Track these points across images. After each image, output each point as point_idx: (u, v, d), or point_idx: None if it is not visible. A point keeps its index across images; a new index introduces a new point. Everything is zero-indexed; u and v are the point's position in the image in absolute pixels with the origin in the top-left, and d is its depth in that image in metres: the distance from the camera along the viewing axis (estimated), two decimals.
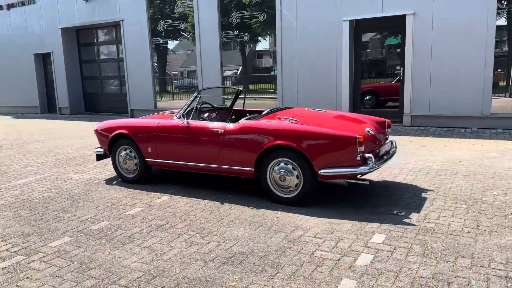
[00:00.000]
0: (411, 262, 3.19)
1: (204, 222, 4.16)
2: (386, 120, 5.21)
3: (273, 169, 4.57)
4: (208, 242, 3.67)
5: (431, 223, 3.92)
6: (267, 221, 4.13)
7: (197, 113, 5.35)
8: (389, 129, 5.20)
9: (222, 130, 4.82)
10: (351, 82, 10.08)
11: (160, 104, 13.16)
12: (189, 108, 5.30)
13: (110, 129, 5.69)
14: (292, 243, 3.59)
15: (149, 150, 5.35)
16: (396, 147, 5.09)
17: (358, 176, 4.35)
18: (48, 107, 16.15)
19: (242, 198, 4.84)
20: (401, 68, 9.52)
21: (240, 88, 6.28)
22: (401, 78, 9.56)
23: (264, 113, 5.11)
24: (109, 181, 5.80)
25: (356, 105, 10.36)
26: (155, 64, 13.22)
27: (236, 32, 11.47)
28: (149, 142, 5.33)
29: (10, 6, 15.73)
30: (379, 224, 3.94)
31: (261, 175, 4.65)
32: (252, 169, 4.67)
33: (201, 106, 5.72)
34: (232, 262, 3.28)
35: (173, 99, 13.38)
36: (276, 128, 4.53)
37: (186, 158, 5.12)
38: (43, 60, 15.77)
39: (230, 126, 4.80)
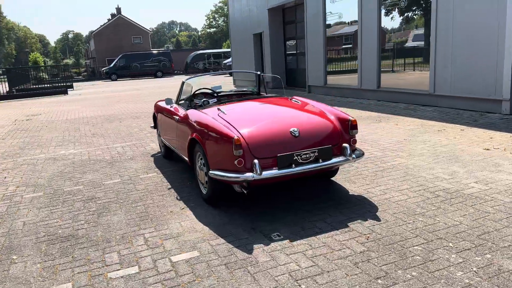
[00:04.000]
0: None
1: (122, 202, 4.50)
2: (350, 119, 3.98)
3: (199, 162, 4.38)
4: (81, 220, 4.06)
5: (267, 258, 3.04)
6: (157, 213, 4.11)
7: (189, 99, 5.46)
8: (354, 130, 3.98)
9: (177, 118, 4.88)
10: None
11: (330, 81, 12.94)
12: (180, 95, 5.49)
13: (154, 108, 6.53)
14: (118, 240, 3.56)
15: (160, 129, 5.92)
16: (349, 155, 3.83)
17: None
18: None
19: (193, 189, 4.81)
20: None
21: (259, 72, 5.85)
22: None
23: (224, 100, 4.82)
24: (154, 154, 6.69)
25: None
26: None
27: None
28: (159, 122, 5.90)
29: None
30: (222, 242, 3.34)
31: (194, 167, 4.53)
32: (187, 159, 4.60)
33: (213, 91, 5.75)
34: (51, 242, 3.62)
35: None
36: (195, 120, 4.30)
37: (169, 141, 5.44)
38: (260, 40, 17.76)
39: (182, 114, 4.80)
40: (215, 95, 5.57)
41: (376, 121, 8.06)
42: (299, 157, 3.68)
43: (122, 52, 44.68)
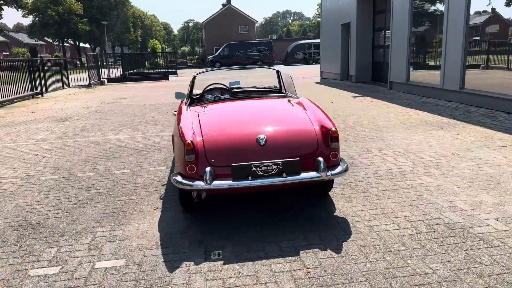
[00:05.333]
0: None
1: (111, 194, 4.49)
2: (332, 129, 3.40)
3: None
4: (60, 209, 4.14)
5: (183, 281, 2.72)
6: (128, 211, 4.00)
7: (200, 95, 5.22)
8: (335, 143, 3.39)
9: (175, 113, 4.71)
10: None
11: (414, 77, 11.68)
12: (190, 90, 5.28)
13: None
14: (71, 235, 3.52)
15: None
16: (322, 170, 3.26)
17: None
18: (347, 75, 17.27)
19: None
20: None
21: (276, 69, 5.34)
22: None
23: (222, 97, 4.51)
24: None
25: None
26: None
27: None
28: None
29: None
30: (157, 253, 3.11)
31: None
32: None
33: (229, 87, 5.45)
34: (18, 227, 3.71)
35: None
36: (177, 118, 4.08)
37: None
38: (347, 30, 16.79)
39: (178, 109, 4.61)
40: (230, 91, 5.28)
41: (437, 129, 7.00)
42: (258, 168, 3.24)
43: (229, 41, 46.20)
